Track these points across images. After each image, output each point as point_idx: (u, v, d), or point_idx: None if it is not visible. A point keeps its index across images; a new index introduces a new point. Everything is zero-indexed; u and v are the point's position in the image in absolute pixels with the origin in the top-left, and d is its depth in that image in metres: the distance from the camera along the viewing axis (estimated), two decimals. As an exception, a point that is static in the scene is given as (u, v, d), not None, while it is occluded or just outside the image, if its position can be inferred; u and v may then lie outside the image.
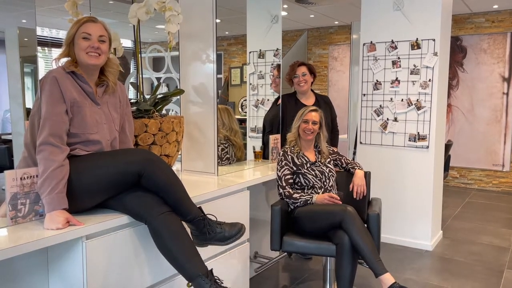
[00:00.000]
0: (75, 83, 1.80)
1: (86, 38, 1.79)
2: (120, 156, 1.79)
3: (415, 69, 3.68)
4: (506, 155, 5.93)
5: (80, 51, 1.79)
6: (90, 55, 1.80)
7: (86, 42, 1.79)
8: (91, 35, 1.80)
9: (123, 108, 1.99)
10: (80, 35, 1.79)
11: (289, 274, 3.29)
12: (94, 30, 1.81)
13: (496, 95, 5.93)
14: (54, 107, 1.71)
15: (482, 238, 4.04)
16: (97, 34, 1.81)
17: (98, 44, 1.81)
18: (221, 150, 3.03)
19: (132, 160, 1.75)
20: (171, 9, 2.19)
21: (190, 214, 1.82)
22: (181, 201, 1.82)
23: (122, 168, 1.73)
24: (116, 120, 1.93)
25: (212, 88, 2.66)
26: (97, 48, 1.80)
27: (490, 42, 5.93)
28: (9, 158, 2.24)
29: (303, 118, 2.78)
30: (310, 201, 2.62)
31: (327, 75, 7.15)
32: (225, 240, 1.87)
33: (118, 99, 1.97)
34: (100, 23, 1.86)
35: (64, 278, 1.71)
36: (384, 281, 2.31)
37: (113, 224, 1.72)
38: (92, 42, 1.80)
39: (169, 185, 1.79)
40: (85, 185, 1.71)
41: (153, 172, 1.75)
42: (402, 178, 3.80)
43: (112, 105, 1.93)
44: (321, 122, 2.81)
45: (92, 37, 1.80)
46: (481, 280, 3.13)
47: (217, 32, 2.61)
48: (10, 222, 1.60)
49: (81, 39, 1.79)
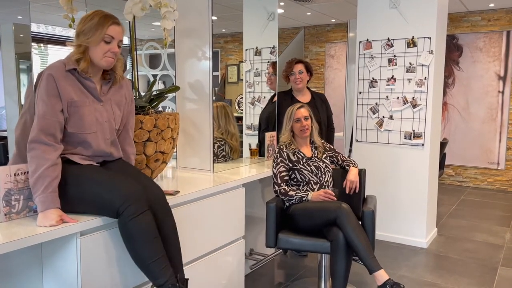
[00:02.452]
0: (75, 81, 1.75)
1: (108, 41, 1.74)
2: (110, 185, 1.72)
3: (411, 67, 3.69)
4: (501, 153, 5.96)
5: (98, 53, 1.73)
6: (107, 58, 1.75)
7: (107, 45, 1.74)
8: (114, 38, 1.75)
9: (128, 105, 1.95)
10: (103, 36, 1.72)
11: (284, 271, 3.30)
12: (117, 33, 1.76)
13: (491, 93, 5.96)
14: (49, 105, 1.67)
15: (477, 235, 4.06)
16: (118, 39, 1.77)
17: (117, 49, 1.77)
18: (217, 148, 3.03)
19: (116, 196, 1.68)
20: (167, 5, 2.18)
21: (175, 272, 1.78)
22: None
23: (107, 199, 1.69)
24: (118, 118, 1.89)
25: (208, 85, 2.66)
26: (115, 52, 1.76)
27: (486, 40, 5.95)
28: (5, 155, 2.24)
29: (294, 118, 2.78)
30: (305, 198, 2.63)
31: (323, 73, 7.16)
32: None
33: (124, 97, 1.93)
34: (122, 26, 1.81)
35: (58, 274, 1.71)
36: (378, 278, 2.32)
37: (107, 220, 1.72)
38: (113, 47, 1.75)
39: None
40: (70, 197, 1.70)
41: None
42: (397, 175, 3.81)
43: (115, 102, 1.88)
44: (311, 115, 2.82)
45: (114, 41, 1.75)
46: (475, 277, 3.15)
47: (213, 29, 2.61)
48: (4, 218, 1.60)
49: (102, 41, 1.73)
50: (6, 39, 2.05)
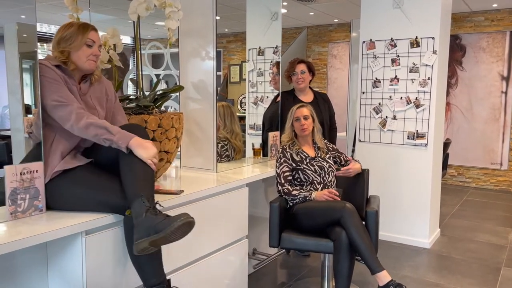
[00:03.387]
0: (63, 77, 1.81)
1: (90, 45, 1.85)
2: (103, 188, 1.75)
3: (414, 67, 3.69)
4: (504, 154, 5.95)
5: (81, 56, 1.83)
6: (90, 61, 1.86)
7: (89, 49, 1.85)
8: (95, 43, 1.87)
9: (111, 102, 2.00)
10: (85, 40, 1.83)
11: (287, 271, 3.30)
12: (97, 38, 1.88)
13: (494, 93, 5.94)
14: (64, 90, 1.74)
15: (480, 236, 4.06)
16: (98, 43, 1.89)
17: (99, 53, 1.89)
18: (221, 147, 3.04)
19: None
20: (171, 5, 2.19)
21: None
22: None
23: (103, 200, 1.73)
24: (100, 113, 1.93)
25: (212, 85, 2.66)
26: (97, 55, 1.87)
27: (489, 40, 5.93)
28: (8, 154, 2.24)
29: (294, 117, 2.80)
30: (308, 197, 2.63)
31: (326, 73, 7.16)
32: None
33: (105, 93, 1.98)
34: (98, 31, 1.93)
35: (63, 273, 1.71)
36: (381, 279, 2.32)
37: (112, 219, 1.72)
38: (95, 50, 1.86)
39: None
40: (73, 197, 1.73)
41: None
42: (400, 176, 3.81)
43: (95, 98, 1.94)
44: (312, 115, 2.83)
45: (95, 45, 1.87)
46: (478, 277, 3.14)
47: (217, 29, 2.61)
48: (10, 217, 1.61)
49: (85, 46, 1.83)
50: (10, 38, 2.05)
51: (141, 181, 1.68)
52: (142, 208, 1.57)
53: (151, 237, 1.52)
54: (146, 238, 1.52)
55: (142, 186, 1.66)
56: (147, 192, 1.65)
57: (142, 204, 1.58)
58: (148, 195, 1.64)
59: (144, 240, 1.53)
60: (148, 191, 1.67)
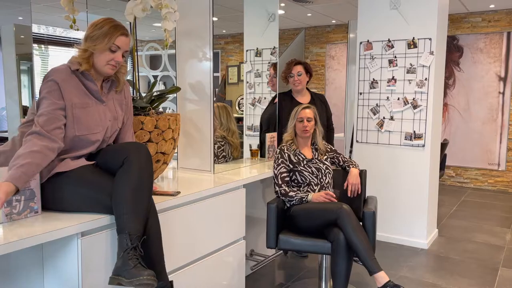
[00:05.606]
0: (79, 83, 1.77)
1: (114, 50, 1.77)
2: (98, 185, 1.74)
3: (411, 68, 3.69)
4: (501, 154, 5.95)
5: (102, 60, 1.76)
6: (109, 66, 1.78)
7: (111, 54, 1.77)
8: (120, 49, 1.78)
9: (127, 104, 1.99)
10: (110, 45, 1.76)
11: (285, 272, 3.30)
12: (124, 44, 1.79)
13: (492, 94, 5.96)
14: (51, 105, 1.68)
15: (478, 236, 4.06)
16: (124, 49, 1.80)
17: (121, 59, 1.80)
18: (218, 148, 3.03)
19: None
20: (168, 6, 2.18)
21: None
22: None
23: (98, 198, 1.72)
24: (120, 117, 1.93)
25: (209, 85, 2.66)
26: (118, 61, 1.79)
27: (487, 41, 5.95)
28: (5, 156, 2.23)
29: (298, 117, 2.80)
30: (305, 199, 2.63)
31: (324, 74, 7.16)
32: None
33: (123, 95, 1.96)
34: (130, 37, 1.83)
35: (59, 275, 1.71)
36: (379, 279, 2.32)
37: (108, 221, 1.72)
38: (117, 57, 1.78)
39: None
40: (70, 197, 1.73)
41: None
42: (398, 176, 3.81)
43: (118, 102, 1.92)
44: (315, 118, 2.83)
45: (120, 51, 1.79)
46: (476, 278, 3.14)
47: (213, 30, 2.61)
48: (5, 219, 1.60)
49: (108, 49, 1.76)
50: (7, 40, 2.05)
51: (132, 206, 1.64)
52: (123, 245, 1.59)
53: (120, 278, 1.56)
54: (116, 276, 1.58)
55: (132, 217, 1.63)
56: (134, 226, 1.62)
57: (125, 242, 1.59)
58: (135, 229, 1.61)
59: (115, 277, 1.58)
60: (136, 225, 1.62)
